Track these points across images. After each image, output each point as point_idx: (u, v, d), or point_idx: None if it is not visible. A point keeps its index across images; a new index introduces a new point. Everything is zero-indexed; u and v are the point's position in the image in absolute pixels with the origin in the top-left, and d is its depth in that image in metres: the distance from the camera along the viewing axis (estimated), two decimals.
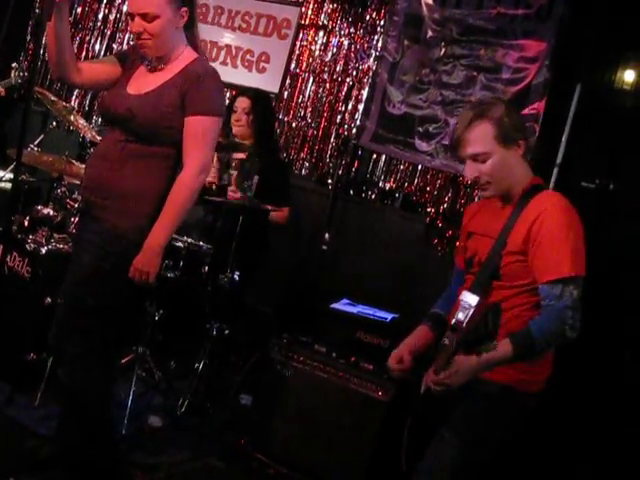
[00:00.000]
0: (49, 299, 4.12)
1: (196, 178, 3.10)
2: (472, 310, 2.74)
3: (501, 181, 2.90)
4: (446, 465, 2.82)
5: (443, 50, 5.40)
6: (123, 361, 4.44)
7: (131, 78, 3.25)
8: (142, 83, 3.19)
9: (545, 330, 2.68)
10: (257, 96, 5.19)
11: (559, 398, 4.22)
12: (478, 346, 2.58)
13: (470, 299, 2.77)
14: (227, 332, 4.64)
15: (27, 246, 4.33)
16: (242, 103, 5.07)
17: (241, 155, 5.06)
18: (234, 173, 4.97)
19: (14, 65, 5.01)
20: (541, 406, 2.91)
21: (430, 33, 5.45)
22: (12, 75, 5.01)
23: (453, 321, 2.78)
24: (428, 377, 2.78)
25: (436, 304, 3.25)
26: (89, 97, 6.93)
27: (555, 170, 4.89)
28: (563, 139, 4.92)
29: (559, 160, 4.90)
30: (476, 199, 5.21)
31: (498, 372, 2.77)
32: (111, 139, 3.20)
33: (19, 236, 4.42)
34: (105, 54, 6.85)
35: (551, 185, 4.87)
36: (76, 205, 4.37)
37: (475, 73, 5.27)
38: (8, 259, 4.28)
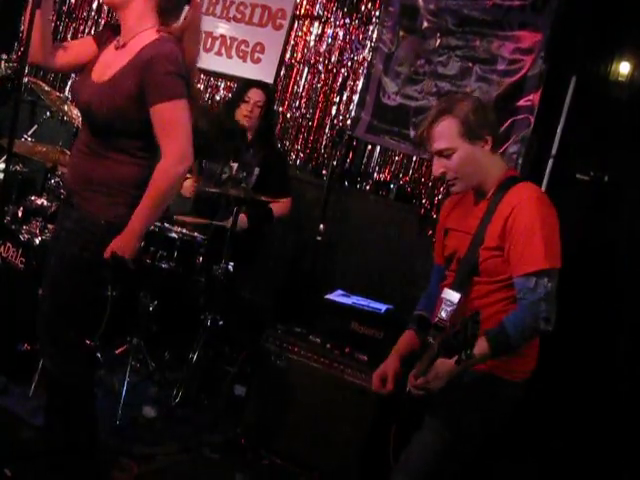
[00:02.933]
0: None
1: (175, 167, 3.02)
2: (454, 307, 2.77)
3: (468, 176, 2.89)
4: (428, 451, 2.83)
5: (438, 41, 5.38)
6: (117, 352, 4.44)
7: (98, 59, 3.17)
8: (105, 65, 3.09)
9: (519, 325, 2.68)
10: (268, 90, 5.20)
11: (553, 385, 4.26)
12: (458, 353, 2.55)
13: (451, 296, 2.80)
14: (221, 323, 4.64)
15: (21, 236, 4.32)
16: (256, 95, 5.06)
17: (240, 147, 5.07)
18: (235, 165, 4.97)
19: (4, 56, 4.98)
20: (533, 394, 2.93)
21: (425, 24, 5.43)
22: (1, 66, 4.98)
23: (436, 319, 2.80)
24: (410, 380, 2.77)
25: (419, 304, 3.24)
26: None
27: (550, 162, 4.88)
28: (558, 131, 4.91)
29: (554, 152, 4.89)
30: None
31: None
32: (82, 130, 3.19)
33: (13, 227, 4.41)
34: None
35: (546, 177, 4.86)
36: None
37: (470, 64, 5.25)
38: (2, 250, 4.28)
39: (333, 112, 5.83)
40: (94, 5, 6.95)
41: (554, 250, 2.75)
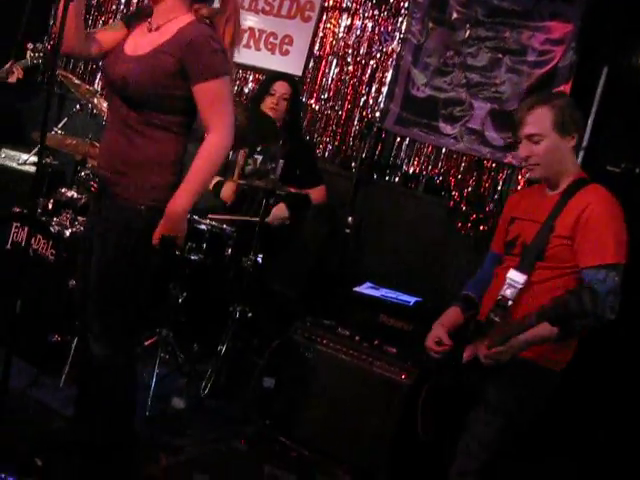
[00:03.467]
0: (73, 281, 4.13)
1: (223, 142, 3.05)
2: (519, 288, 3.02)
3: (549, 165, 3.12)
4: (482, 443, 3.04)
5: (468, 32, 5.35)
6: (146, 343, 4.46)
7: (129, 37, 3.18)
8: (139, 43, 3.10)
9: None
10: (294, 82, 5.21)
11: (595, 380, 4.24)
12: (566, 323, 2.71)
13: (517, 277, 3.03)
14: (250, 315, 4.64)
15: (51, 229, 4.35)
16: (282, 88, 5.06)
17: (267, 141, 5.06)
18: (259, 158, 4.97)
19: (29, 45, 4.98)
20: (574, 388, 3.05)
21: (455, 15, 5.40)
22: (28, 56, 4.98)
23: (499, 297, 3.03)
24: (480, 349, 2.96)
25: (467, 286, 3.45)
26: None
27: (581, 153, 4.83)
28: (589, 122, 4.87)
29: (585, 143, 4.85)
30: (500, 183, 5.19)
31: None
32: (114, 109, 3.16)
33: (43, 219, 4.44)
34: None
35: None
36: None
37: (500, 55, 5.21)
38: (33, 242, 4.30)
39: (362, 104, 5.81)
40: None
41: (623, 247, 2.94)
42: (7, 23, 6.15)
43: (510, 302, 3.02)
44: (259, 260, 4.57)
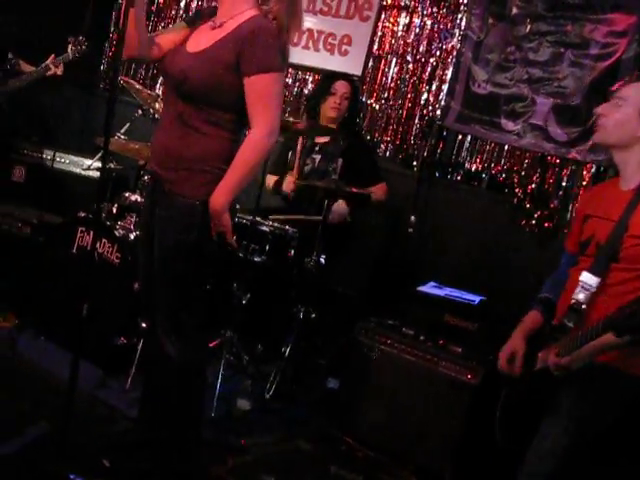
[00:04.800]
0: (138, 284, 4.18)
1: (266, 139, 3.02)
2: (592, 291, 2.85)
3: (614, 135, 3.00)
4: (555, 448, 2.87)
5: (529, 27, 5.27)
6: (211, 345, 4.48)
7: (192, 35, 3.20)
8: (201, 40, 3.12)
9: None
10: (353, 81, 5.22)
11: None
12: (631, 333, 2.58)
13: (590, 280, 2.87)
14: (314, 316, 4.65)
15: (116, 232, 4.41)
16: (343, 87, 5.09)
17: (324, 139, 5.07)
18: (317, 157, 4.98)
19: (71, 39, 4.98)
20: None
21: (515, 10, 5.33)
22: (69, 49, 4.98)
23: (573, 301, 2.88)
24: (550, 358, 2.86)
25: (544, 288, 3.29)
26: None
27: None
28: None
29: None
30: (564, 179, 5.12)
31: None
32: (170, 105, 3.17)
33: (108, 223, 4.50)
34: None
35: None
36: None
37: (562, 49, 5.13)
38: (98, 246, 4.36)
39: (422, 102, 5.77)
40: (182, 4, 7.03)
41: None
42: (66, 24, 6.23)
43: (584, 306, 2.87)
44: (322, 261, 4.57)
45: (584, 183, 5.01)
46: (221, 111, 3.06)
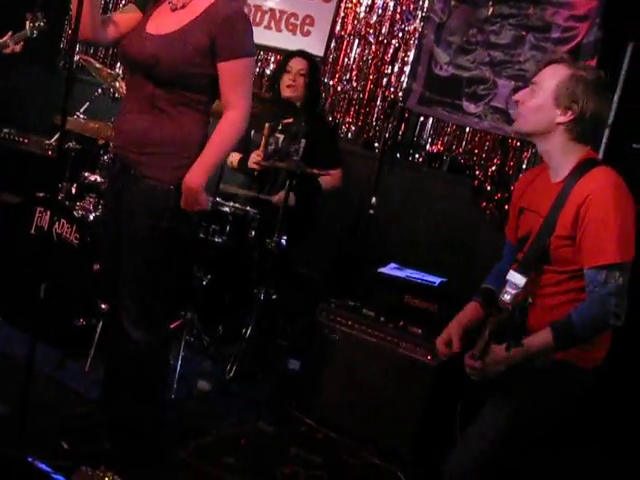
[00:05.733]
0: (97, 265, 4.14)
1: (243, 121, 3.10)
2: (518, 291, 2.66)
3: (530, 121, 2.85)
4: (496, 432, 2.80)
5: (491, 10, 5.29)
6: (172, 326, 4.46)
7: (150, 17, 3.17)
8: (162, 22, 3.10)
9: (587, 317, 2.62)
10: (311, 58, 5.17)
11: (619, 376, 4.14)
12: (507, 340, 2.57)
13: (517, 280, 2.68)
14: (275, 297, 4.64)
15: (75, 213, 4.36)
16: (298, 64, 5.04)
17: (287, 119, 5.03)
18: (280, 137, 4.94)
19: (29, 16, 4.89)
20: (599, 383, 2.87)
21: None
22: (27, 26, 4.88)
23: (498, 300, 2.70)
24: (466, 361, 2.74)
25: (487, 278, 3.18)
26: None
27: (606, 131, 4.77)
28: (614, 99, 4.80)
29: (610, 121, 4.78)
30: (524, 162, 5.15)
31: None
32: (136, 89, 3.14)
33: (67, 203, 4.46)
34: None
35: (602, 147, 4.76)
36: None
37: (524, 33, 5.16)
38: (57, 226, 4.32)
39: (384, 84, 5.77)
40: None
41: (627, 243, 2.66)
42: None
43: (510, 307, 2.64)
44: (283, 242, 4.56)
45: None
46: (191, 93, 3.07)
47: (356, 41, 5.91)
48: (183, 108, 3.06)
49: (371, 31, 5.83)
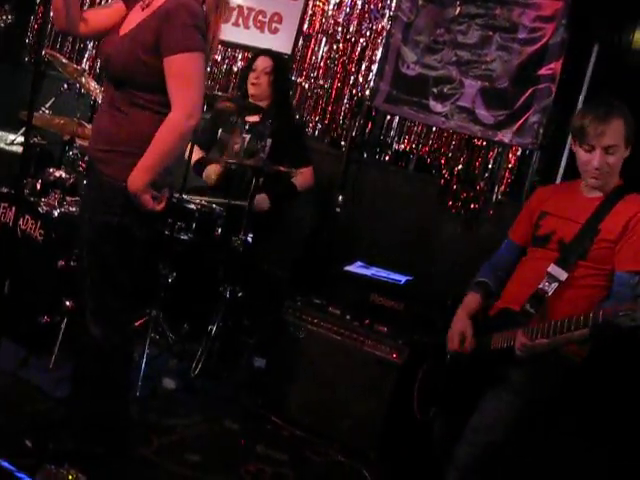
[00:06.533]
0: (62, 262, 4.12)
1: (184, 120, 2.95)
2: (559, 283, 3.06)
3: (612, 175, 3.16)
4: (501, 420, 3.06)
5: (458, 9, 5.31)
6: (136, 324, 4.44)
7: (124, 21, 3.13)
8: (131, 22, 3.07)
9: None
10: (278, 57, 5.16)
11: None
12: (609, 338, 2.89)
13: (559, 274, 3.08)
14: (240, 295, 4.63)
15: (40, 209, 4.32)
16: (263, 62, 5.04)
17: (254, 118, 5.03)
18: (247, 137, 4.94)
19: None
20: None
21: None
22: None
23: (537, 289, 3.09)
24: (519, 338, 2.95)
25: (481, 272, 3.47)
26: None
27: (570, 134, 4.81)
28: (580, 99, 4.85)
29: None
30: (490, 161, 5.18)
31: None
32: (105, 88, 3.17)
33: (31, 199, 4.41)
34: None
35: (567, 147, 4.80)
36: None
37: (491, 33, 5.18)
38: (21, 222, 4.27)
39: (351, 82, 5.78)
40: None
41: None
42: None
43: (547, 295, 3.06)
44: (249, 240, 4.55)
45: (510, 166, 5.10)
46: (144, 92, 3.01)
47: (324, 39, 5.91)
48: (137, 108, 3.01)
49: (339, 29, 5.83)
